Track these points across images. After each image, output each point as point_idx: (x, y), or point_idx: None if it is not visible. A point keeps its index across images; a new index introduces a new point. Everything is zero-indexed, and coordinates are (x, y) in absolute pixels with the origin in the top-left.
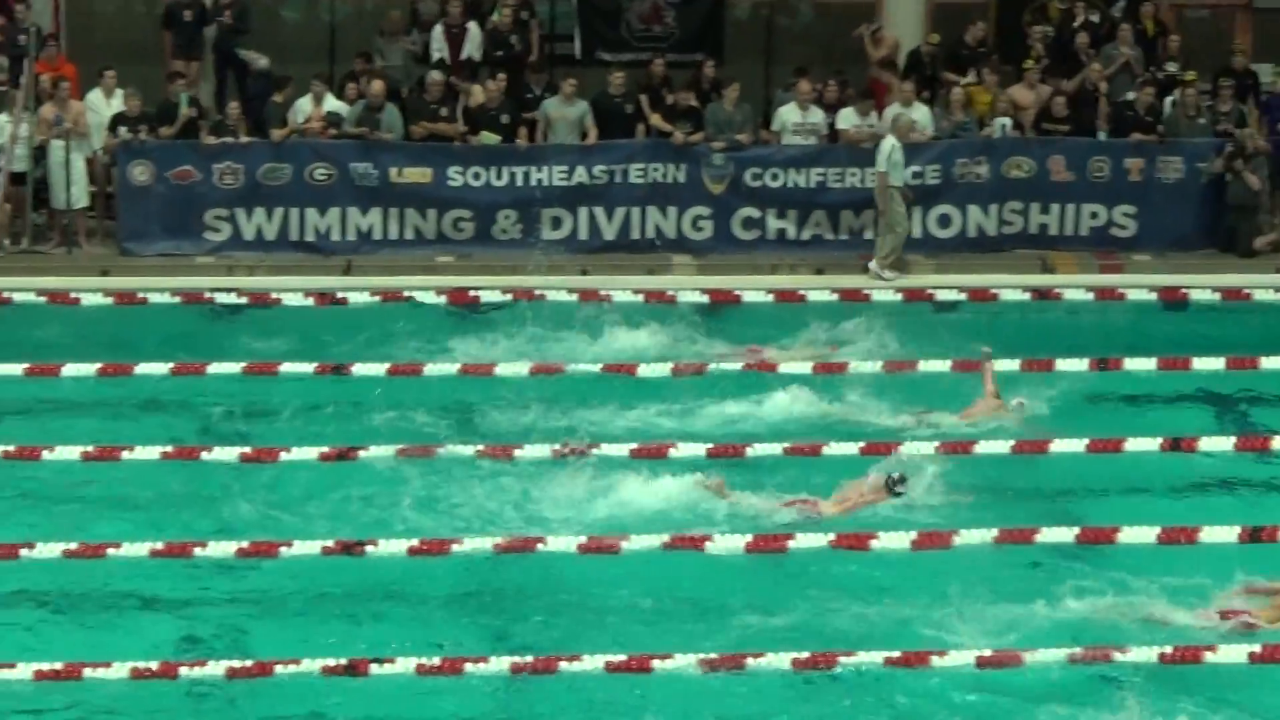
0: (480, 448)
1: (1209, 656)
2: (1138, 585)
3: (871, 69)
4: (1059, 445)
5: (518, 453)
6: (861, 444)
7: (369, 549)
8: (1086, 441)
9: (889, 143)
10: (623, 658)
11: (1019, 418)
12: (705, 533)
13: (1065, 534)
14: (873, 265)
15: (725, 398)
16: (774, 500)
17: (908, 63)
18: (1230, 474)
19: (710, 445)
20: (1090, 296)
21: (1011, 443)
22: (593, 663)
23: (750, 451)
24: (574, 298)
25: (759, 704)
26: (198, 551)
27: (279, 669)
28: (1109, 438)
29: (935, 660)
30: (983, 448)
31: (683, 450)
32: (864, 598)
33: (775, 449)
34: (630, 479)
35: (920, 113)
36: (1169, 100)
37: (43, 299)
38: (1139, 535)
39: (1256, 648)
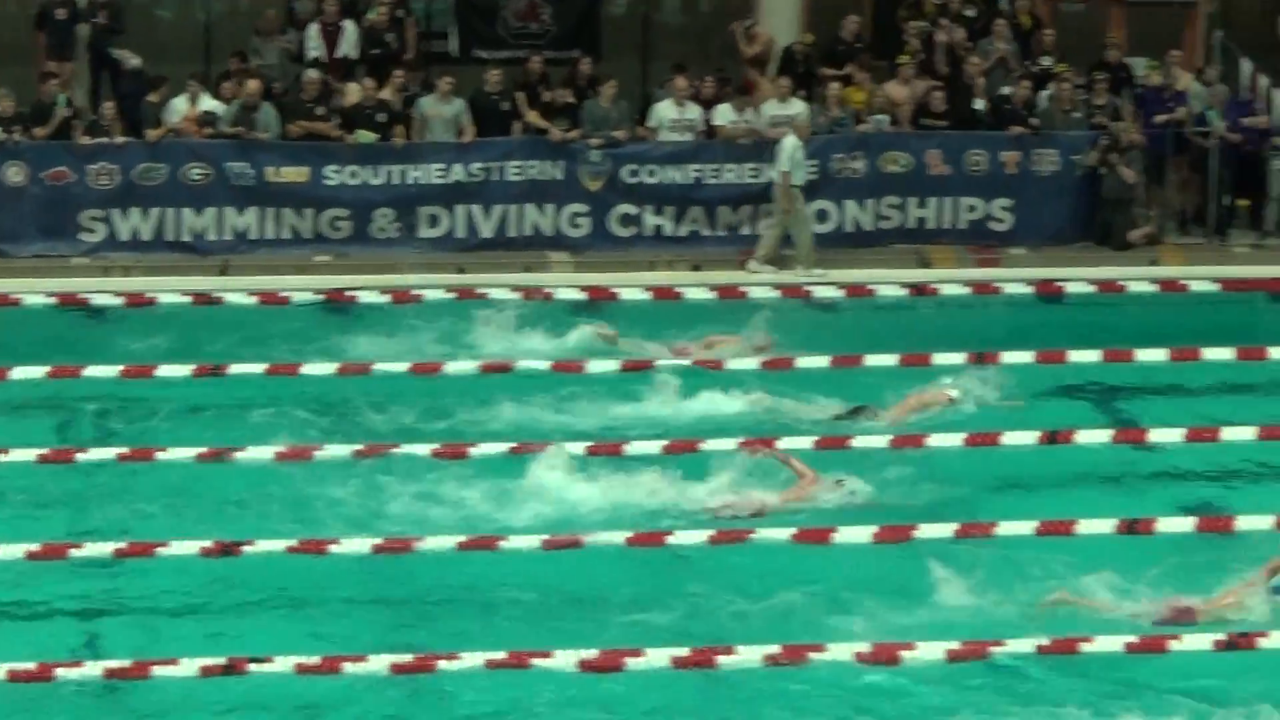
0: (360, 447)
1: (1085, 647)
2: (1012, 578)
3: (744, 65)
4: (936, 440)
5: (395, 451)
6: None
7: (247, 549)
8: (964, 436)
9: (791, 141)
10: (503, 655)
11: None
12: (581, 532)
13: (944, 529)
14: (755, 260)
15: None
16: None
17: (783, 60)
18: (1107, 466)
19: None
20: (967, 291)
21: (889, 438)
22: (473, 660)
23: (627, 449)
24: (453, 296)
25: (642, 700)
26: (74, 553)
27: (156, 670)
28: (986, 432)
29: (813, 655)
30: (859, 443)
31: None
32: (747, 592)
33: (653, 447)
34: (507, 478)
35: (796, 108)
36: (1044, 94)
37: None
38: (1017, 528)
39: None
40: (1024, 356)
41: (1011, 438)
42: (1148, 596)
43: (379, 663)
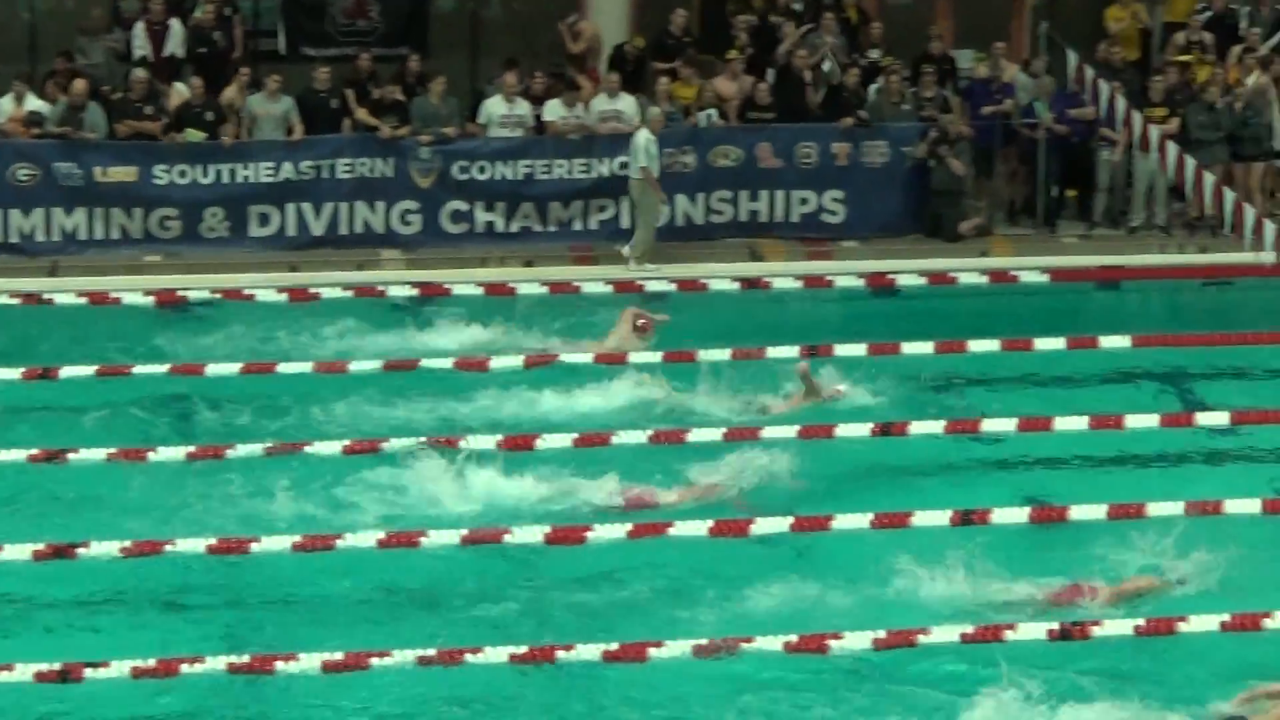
0: (192, 449)
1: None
2: (850, 573)
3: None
4: (770, 432)
5: (230, 452)
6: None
7: (81, 552)
8: (797, 428)
9: (644, 136)
10: (339, 657)
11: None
12: (420, 529)
13: (780, 524)
14: (627, 253)
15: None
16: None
17: (613, 56)
18: (941, 457)
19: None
20: (799, 284)
21: (723, 429)
22: (310, 662)
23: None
24: (283, 297)
25: (485, 694)
26: None
27: None
28: (819, 424)
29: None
30: (694, 436)
31: (395, 444)
32: (588, 587)
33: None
34: (345, 474)
35: (625, 103)
36: (873, 87)
37: None
38: (853, 522)
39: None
40: (857, 349)
41: (845, 430)
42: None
43: (216, 664)
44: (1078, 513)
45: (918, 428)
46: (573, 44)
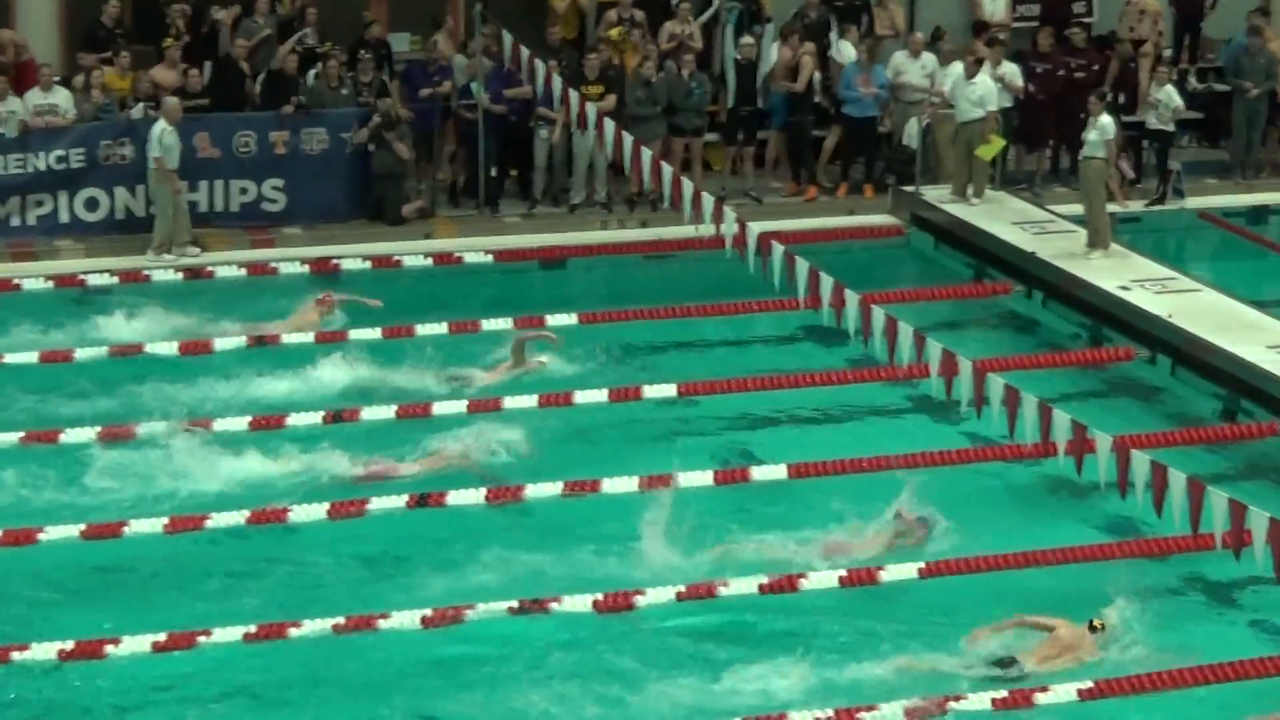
0: None
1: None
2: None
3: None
4: (221, 425)
5: None
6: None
7: None
8: (248, 419)
9: (159, 126)
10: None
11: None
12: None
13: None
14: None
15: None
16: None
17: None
18: (395, 439)
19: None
20: (242, 272)
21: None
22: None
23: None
24: None
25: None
26: None
27: None
28: (271, 414)
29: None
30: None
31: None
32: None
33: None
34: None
35: (61, 96)
36: (311, 73)
37: None
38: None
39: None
40: (306, 338)
41: (295, 419)
42: None
43: None
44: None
45: (368, 414)
46: None
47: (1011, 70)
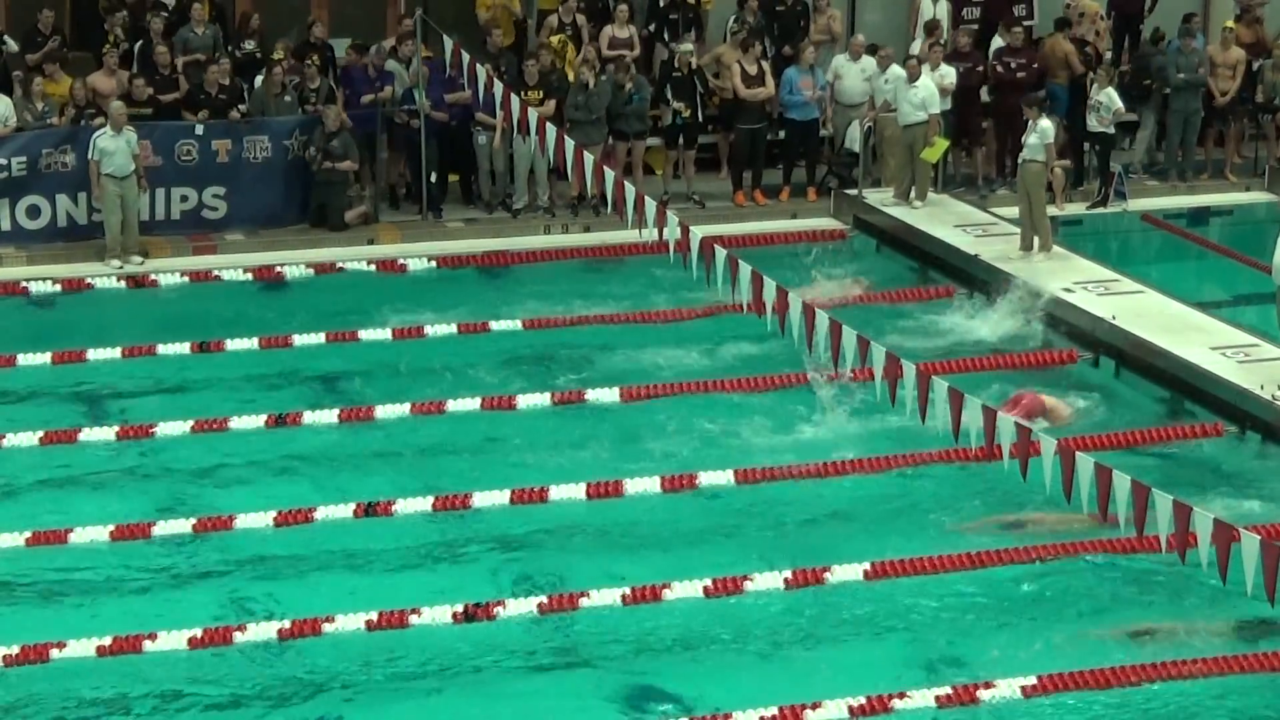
0: None
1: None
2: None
3: None
4: (162, 429)
5: None
6: None
7: None
8: (190, 423)
9: (100, 132)
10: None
11: None
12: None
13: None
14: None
15: None
16: None
17: None
18: (336, 447)
19: None
20: (185, 280)
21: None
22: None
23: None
24: None
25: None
26: None
27: None
28: (213, 418)
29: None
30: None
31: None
32: None
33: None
34: None
35: (1, 104)
36: (257, 80)
37: None
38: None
39: None
40: (248, 343)
41: (239, 423)
42: None
43: None
44: (480, 499)
45: (311, 418)
46: None
47: (949, 72)
